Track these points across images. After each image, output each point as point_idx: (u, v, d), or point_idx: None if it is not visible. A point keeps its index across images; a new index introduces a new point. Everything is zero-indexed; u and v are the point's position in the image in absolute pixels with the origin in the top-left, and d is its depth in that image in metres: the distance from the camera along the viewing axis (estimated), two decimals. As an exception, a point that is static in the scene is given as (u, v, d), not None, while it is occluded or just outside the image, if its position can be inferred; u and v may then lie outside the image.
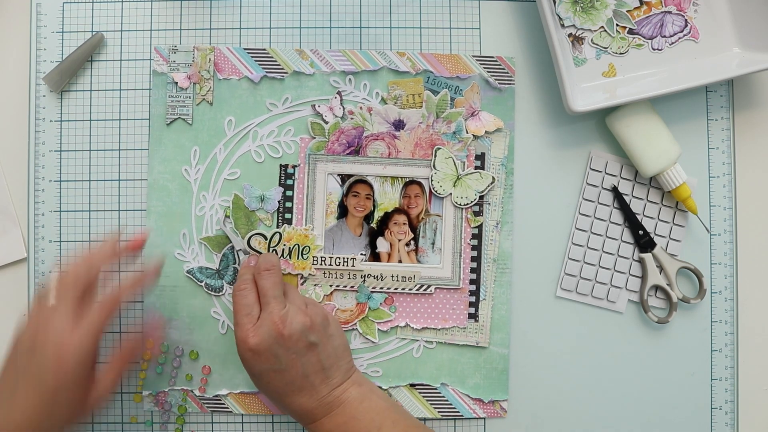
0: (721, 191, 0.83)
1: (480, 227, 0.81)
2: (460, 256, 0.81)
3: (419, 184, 0.81)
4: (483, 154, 0.81)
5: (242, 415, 0.81)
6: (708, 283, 0.83)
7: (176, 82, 0.80)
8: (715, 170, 0.83)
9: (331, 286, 0.80)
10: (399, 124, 0.80)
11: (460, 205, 0.80)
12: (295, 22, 0.83)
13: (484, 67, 0.81)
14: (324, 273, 0.80)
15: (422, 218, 0.81)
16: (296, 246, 0.80)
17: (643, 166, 0.79)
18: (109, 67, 0.82)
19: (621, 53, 0.81)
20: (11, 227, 0.82)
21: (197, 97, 0.80)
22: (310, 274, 0.80)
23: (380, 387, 0.80)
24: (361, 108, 0.80)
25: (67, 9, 0.82)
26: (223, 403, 0.80)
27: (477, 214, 0.81)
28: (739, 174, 0.84)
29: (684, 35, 0.81)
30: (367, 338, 0.80)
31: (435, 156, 0.80)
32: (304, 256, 0.80)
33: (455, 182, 0.80)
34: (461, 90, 0.81)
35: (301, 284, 0.80)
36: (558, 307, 0.83)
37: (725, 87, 0.84)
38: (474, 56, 0.81)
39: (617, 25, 0.80)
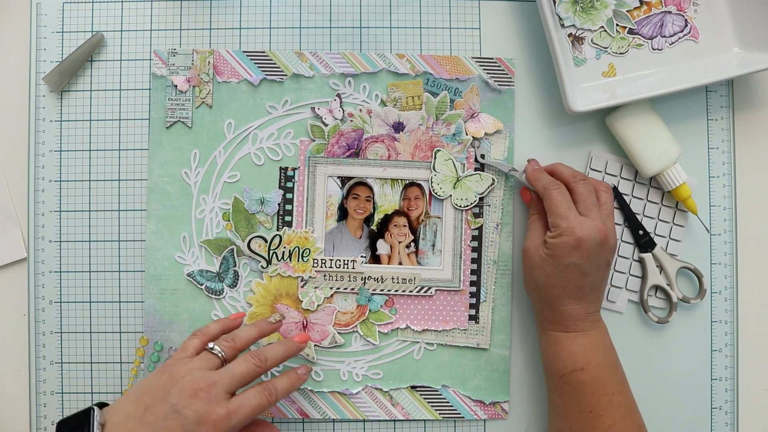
0: (721, 191, 0.83)
1: (480, 229, 0.81)
2: (461, 257, 0.81)
3: (419, 186, 0.81)
4: (483, 155, 0.81)
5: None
6: (708, 283, 0.83)
7: (175, 86, 0.80)
8: (715, 170, 0.83)
9: (331, 288, 0.80)
10: (398, 126, 0.80)
11: (460, 206, 0.80)
12: (295, 22, 0.83)
13: (484, 69, 0.81)
14: (324, 275, 0.80)
15: (422, 220, 0.81)
16: (296, 248, 0.80)
17: (643, 166, 0.79)
18: (108, 67, 0.82)
19: (621, 53, 0.80)
20: (11, 227, 0.82)
21: (197, 100, 0.80)
22: (310, 277, 0.80)
23: (381, 389, 0.81)
24: (360, 110, 0.80)
25: (67, 9, 0.82)
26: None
27: (477, 215, 0.81)
28: (739, 174, 0.84)
29: (684, 35, 0.80)
30: (367, 340, 0.80)
31: (435, 158, 0.80)
32: (305, 259, 0.80)
33: (455, 184, 0.80)
34: (461, 92, 0.81)
35: (302, 287, 0.80)
36: (558, 308, 0.82)
37: (725, 87, 0.84)
38: (473, 58, 0.81)
39: (617, 25, 0.80)
